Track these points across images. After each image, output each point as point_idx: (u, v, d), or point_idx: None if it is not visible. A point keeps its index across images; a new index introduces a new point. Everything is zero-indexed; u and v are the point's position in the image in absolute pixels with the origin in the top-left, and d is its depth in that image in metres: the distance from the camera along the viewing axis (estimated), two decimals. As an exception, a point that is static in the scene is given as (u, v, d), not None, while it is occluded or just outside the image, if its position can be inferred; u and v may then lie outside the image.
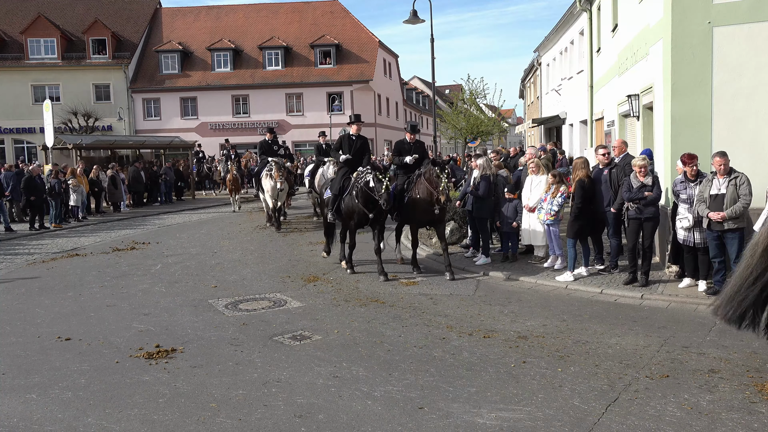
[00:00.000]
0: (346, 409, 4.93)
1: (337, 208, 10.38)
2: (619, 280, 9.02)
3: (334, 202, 10.46)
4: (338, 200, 10.33)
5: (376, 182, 9.50)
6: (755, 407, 4.77)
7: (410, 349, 6.32)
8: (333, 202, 10.50)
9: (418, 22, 16.98)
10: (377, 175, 9.59)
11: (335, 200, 10.42)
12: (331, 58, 41.73)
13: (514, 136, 67.03)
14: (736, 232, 7.67)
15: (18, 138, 40.09)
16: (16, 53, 40.15)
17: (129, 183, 22.71)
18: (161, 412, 4.97)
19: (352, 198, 9.98)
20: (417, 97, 60.49)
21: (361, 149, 10.69)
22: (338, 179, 10.56)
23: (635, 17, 12.06)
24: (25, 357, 6.42)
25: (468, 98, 33.74)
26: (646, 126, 11.74)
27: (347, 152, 10.55)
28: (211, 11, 46.52)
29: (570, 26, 22.76)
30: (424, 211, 9.75)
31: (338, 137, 10.73)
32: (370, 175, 9.61)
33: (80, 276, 10.56)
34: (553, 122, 27.78)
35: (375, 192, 9.49)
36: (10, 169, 20.35)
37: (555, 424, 4.57)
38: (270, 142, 16.51)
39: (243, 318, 7.68)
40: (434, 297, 8.53)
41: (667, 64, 9.34)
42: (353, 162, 10.45)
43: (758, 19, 8.72)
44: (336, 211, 10.42)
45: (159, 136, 33.41)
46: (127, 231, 16.57)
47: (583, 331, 6.80)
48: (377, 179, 9.53)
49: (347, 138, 10.72)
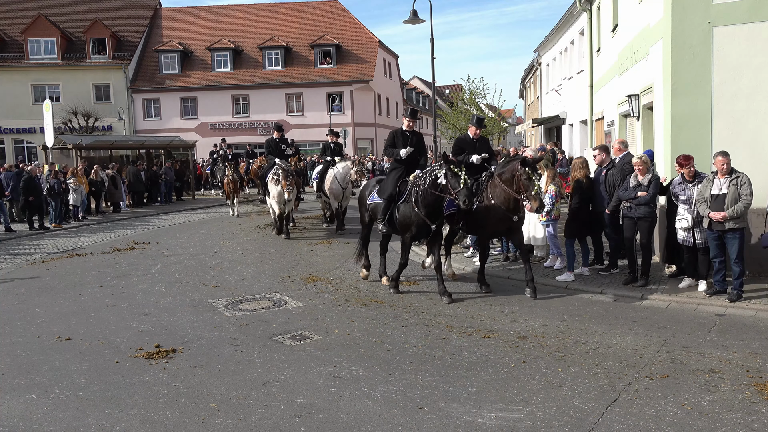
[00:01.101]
0: (346, 409, 4.93)
1: (389, 217, 8.84)
2: (619, 280, 9.02)
3: (386, 210, 8.85)
4: (391, 208, 8.81)
5: (451, 177, 7.91)
6: (755, 407, 4.77)
7: (410, 349, 6.32)
8: (385, 210, 8.87)
9: (418, 22, 16.99)
10: (452, 169, 7.94)
11: (388, 208, 8.85)
12: (331, 58, 41.75)
13: (514, 136, 67.09)
14: (737, 232, 7.67)
15: (18, 138, 40.10)
16: (16, 53, 40.16)
17: (129, 183, 22.72)
18: (161, 412, 4.97)
19: (409, 206, 8.50)
20: (417, 97, 60.51)
21: (417, 148, 9.09)
22: (391, 181, 8.96)
23: (635, 17, 12.06)
24: (25, 357, 6.42)
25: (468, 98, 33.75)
26: (646, 126, 11.74)
27: (400, 146, 9.06)
28: (211, 11, 46.54)
29: (570, 26, 22.76)
30: (501, 219, 8.38)
31: (389, 134, 9.36)
32: (441, 171, 8.04)
33: (80, 276, 10.56)
34: (553, 122, 27.78)
35: (450, 190, 7.93)
36: (10, 169, 20.35)
37: (555, 424, 4.57)
38: (278, 140, 15.26)
39: (243, 318, 7.68)
40: (434, 297, 8.53)
41: (667, 64, 9.34)
42: (408, 162, 9.00)
43: (758, 19, 8.72)
44: (388, 220, 8.84)
45: (159, 136, 33.42)
46: (127, 231, 16.57)
47: (583, 331, 6.80)
48: (453, 173, 7.91)
49: (400, 134, 9.18)
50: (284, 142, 15.55)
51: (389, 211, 8.81)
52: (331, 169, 14.46)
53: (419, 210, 8.34)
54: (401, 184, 8.80)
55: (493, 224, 8.57)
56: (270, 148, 15.11)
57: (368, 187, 9.79)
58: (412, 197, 8.45)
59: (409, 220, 8.53)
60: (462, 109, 33.83)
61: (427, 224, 8.35)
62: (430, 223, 8.34)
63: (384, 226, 8.88)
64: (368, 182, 10.24)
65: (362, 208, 9.80)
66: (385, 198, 8.90)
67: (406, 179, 8.80)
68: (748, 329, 6.71)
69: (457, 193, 7.85)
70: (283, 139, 15.56)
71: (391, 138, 9.22)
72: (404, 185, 8.76)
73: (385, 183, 9.17)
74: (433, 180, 8.15)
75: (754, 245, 8.60)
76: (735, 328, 6.77)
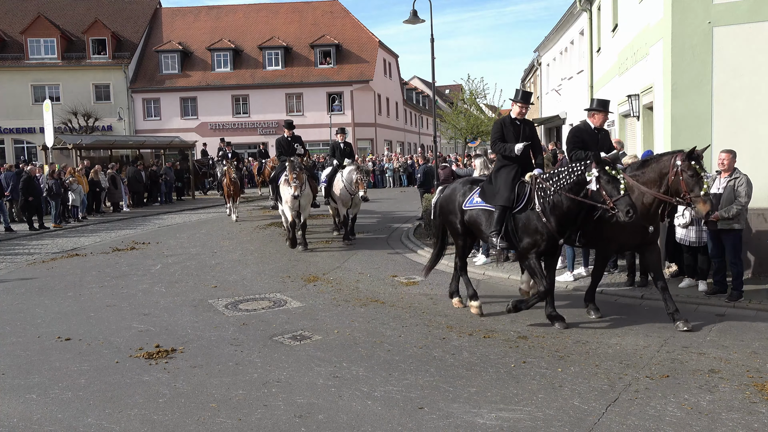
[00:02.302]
0: (346, 409, 4.93)
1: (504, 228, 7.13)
2: (619, 280, 9.02)
3: (502, 220, 7.11)
4: (506, 217, 7.10)
5: (607, 182, 6.40)
6: (755, 407, 4.77)
7: (410, 349, 6.32)
8: (501, 219, 7.11)
9: (418, 22, 16.96)
10: (608, 171, 6.45)
11: (503, 216, 7.11)
12: (331, 58, 41.73)
13: (514, 136, 66.90)
14: (730, 233, 7.66)
15: (18, 138, 40.08)
16: (16, 53, 40.14)
17: (129, 183, 22.71)
18: (161, 412, 4.96)
19: (534, 215, 6.92)
20: (417, 97, 60.49)
21: (531, 141, 7.45)
22: (504, 183, 7.18)
23: (635, 17, 12.06)
24: (25, 357, 6.42)
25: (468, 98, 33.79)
26: (646, 126, 11.75)
27: (512, 141, 7.33)
28: (211, 11, 46.52)
29: (570, 26, 22.77)
30: (634, 230, 6.86)
31: (496, 124, 7.58)
32: (590, 171, 6.49)
33: (80, 276, 10.56)
34: (553, 122, 27.77)
35: (604, 197, 6.41)
36: (11, 169, 20.35)
37: (555, 424, 4.57)
38: (289, 138, 13.67)
39: (243, 318, 7.68)
40: (434, 297, 8.53)
41: (667, 64, 9.35)
42: (522, 159, 7.34)
43: (758, 19, 8.72)
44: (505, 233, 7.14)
45: (159, 136, 33.41)
46: (127, 231, 16.57)
47: (583, 331, 6.80)
48: (610, 177, 6.41)
49: (509, 123, 7.46)
50: (296, 141, 13.83)
51: (503, 221, 7.09)
52: (340, 173, 13.29)
53: (548, 220, 6.81)
54: (518, 186, 7.14)
55: (624, 236, 6.98)
56: (281, 147, 13.67)
57: (457, 191, 7.94)
58: (537, 203, 6.89)
59: (534, 233, 6.92)
60: (462, 109, 33.86)
61: (556, 237, 6.89)
62: (560, 235, 6.90)
63: (501, 240, 7.08)
64: (454, 185, 8.30)
65: (451, 217, 7.91)
66: (499, 204, 7.11)
67: (523, 180, 7.18)
68: (748, 329, 6.71)
69: (616, 202, 6.32)
70: (295, 137, 13.90)
71: (499, 129, 7.45)
72: (522, 188, 7.12)
73: (493, 185, 7.33)
74: (575, 183, 6.63)
75: (755, 245, 8.60)
76: (735, 328, 6.77)
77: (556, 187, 6.77)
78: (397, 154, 38.36)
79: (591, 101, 7.99)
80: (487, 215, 7.36)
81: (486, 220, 7.36)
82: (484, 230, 7.40)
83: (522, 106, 7.47)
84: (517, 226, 7.06)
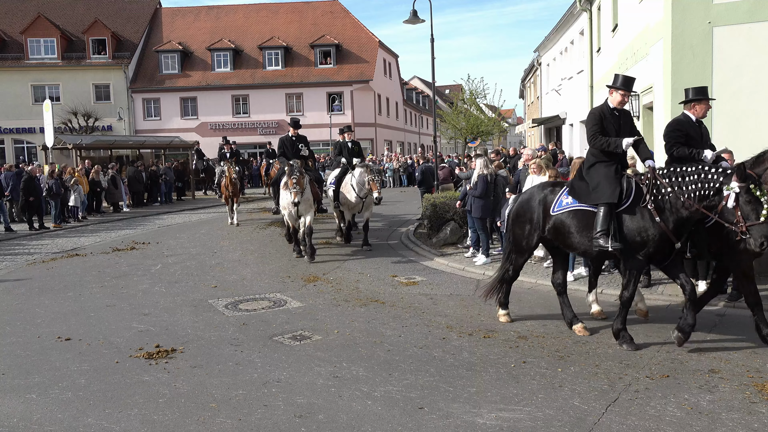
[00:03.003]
0: (346, 409, 4.93)
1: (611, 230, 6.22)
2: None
3: (609, 218, 6.22)
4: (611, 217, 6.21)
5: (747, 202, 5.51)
6: (755, 407, 4.77)
7: (410, 349, 6.32)
8: (607, 218, 6.22)
9: (418, 22, 16.97)
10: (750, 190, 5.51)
11: (610, 214, 6.22)
12: (331, 58, 41.74)
13: (514, 136, 67.07)
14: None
15: (18, 138, 40.08)
16: (16, 53, 40.15)
17: (129, 183, 22.72)
18: (161, 412, 4.97)
19: (646, 214, 6.11)
20: (417, 97, 60.52)
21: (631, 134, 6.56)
22: (606, 180, 6.33)
23: (635, 17, 12.06)
24: (25, 357, 6.42)
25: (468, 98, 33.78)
26: (646, 126, 11.76)
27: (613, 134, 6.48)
28: (211, 11, 46.54)
29: (570, 26, 22.77)
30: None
31: (594, 115, 6.65)
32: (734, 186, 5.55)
33: (80, 276, 10.56)
34: (553, 122, 27.79)
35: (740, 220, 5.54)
36: (11, 169, 20.35)
37: (555, 424, 4.57)
38: (294, 138, 12.58)
39: (243, 318, 7.68)
40: (434, 297, 8.53)
41: (667, 64, 9.35)
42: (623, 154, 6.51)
43: (758, 19, 8.73)
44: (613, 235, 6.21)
45: (159, 136, 33.40)
46: (127, 231, 16.57)
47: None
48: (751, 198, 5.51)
49: (609, 113, 6.58)
50: (301, 141, 12.74)
51: (609, 221, 6.19)
52: (349, 174, 12.29)
53: (666, 221, 5.98)
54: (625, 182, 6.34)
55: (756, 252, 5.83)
56: (284, 147, 12.52)
57: (535, 196, 6.97)
58: (649, 202, 6.08)
59: (644, 235, 6.11)
60: (462, 109, 33.86)
61: (672, 242, 6.05)
62: (677, 239, 6.06)
63: (612, 240, 6.15)
64: (530, 191, 7.29)
65: (528, 227, 6.95)
66: (604, 201, 6.24)
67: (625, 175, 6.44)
68: (748, 329, 6.69)
69: (750, 228, 5.49)
70: (300, 137, 12.77)
71: (598, 121, 6.55)
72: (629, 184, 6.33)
73: (588, 182, 6.50)
74: (705, 190, 5.76)
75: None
76: (735, 328, 6.77)
77: (676, 189, 5.93)
78: (397, 154, 38.37)
79: (687, 91, 6.85)
80: (580, 218, 6.49)
81: (579, 223, 6.49)
82: (575, 235, 6.52)
83: (624, 94, 6.58)
84: (622, 225, 6.22)
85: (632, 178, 6.38)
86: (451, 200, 12.37)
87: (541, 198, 6.89)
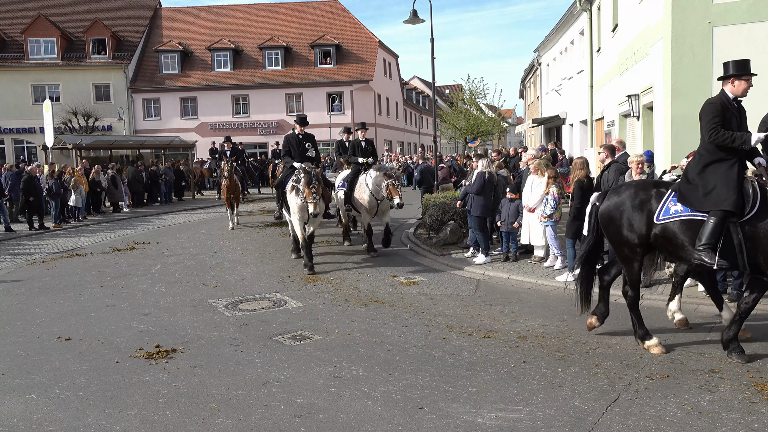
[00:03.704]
0: (346, 409, 4.93)
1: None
2: (619, 280, 9.00)
3: (720, 231, 5.47)
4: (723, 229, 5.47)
5: None
6: (755, 407, 4.77)
7: (410, 349, 6.32)
8: (718, 229, 5.46)
9: (418, 22, 16.97)
10: None
11: (722, 225, 5.46)
12: (331, 58, 41.73)
13: (514, 136, 67.09)
14: None
15: (18, 138, 40.07)
16: (16, 53, 40.13)
17: (129, 183, 22.72)
18: (161, 412, 4.97)
19: None
20: (417, 97, 60.52)
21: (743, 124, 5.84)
22: (724, 182, 5.54)
23: (635, 17, 12.07)
24: (25, 357, 6.42)
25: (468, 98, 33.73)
26: (646, 126, 11.76)
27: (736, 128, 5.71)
28: (211, 11, 46.52)
29: (570, 26, 22.78)
30: None
31: (713, 106, 5.78)
32: None
33: (80, 276, 10.56)
34: (553, 122, 27.80)
35: None
36: (11, 169, 20.36)
37: (555, 424, 4.57)
38: (300, 137, 11.51)
39: (243, 318, 7.68)
40: (434, 297, 8.53)
41: (667, 64, 9.36)
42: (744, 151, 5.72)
43: (758, 19, 8.74)
44: None
45: (159, 136, 33.39)
46: (127, 231, 16.57)
47: (583, 331, 6.79)
48: None
49: (729, 104, 5.80)
50: (308, 140, 11.62)
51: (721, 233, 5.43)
52: (363, 176, 11.60)
53: None
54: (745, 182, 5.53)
55: None
56: (289, 146, 11.47)
57: (634, 198, 6.05)
58: None
59: None
60: (462, 109, 33.83)
61: None
62: None
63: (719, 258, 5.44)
64: (625, 191, 6.24)
65: (627, 233, 6.05)
66: (720, 209, 5.42)
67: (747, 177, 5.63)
68: (747, 329, 6.70)
69: None
70: (307, 135, 11.66)
71: (719, 112, 5.70)
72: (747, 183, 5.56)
73: (700, 185, 5.64)
74: None
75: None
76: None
77: None
78: (397, 154, 38.35)
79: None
80: (693, 228, 5.60)
81: (693, 234, 5.57)
82: (689, 249, 5.60)
83: (747, 83, 5.77)
84: (755, 239, 5.34)
85: (754, 181, 5.50)
86: (451, 200, 12.38)
87: (642, 201, 5.99)
